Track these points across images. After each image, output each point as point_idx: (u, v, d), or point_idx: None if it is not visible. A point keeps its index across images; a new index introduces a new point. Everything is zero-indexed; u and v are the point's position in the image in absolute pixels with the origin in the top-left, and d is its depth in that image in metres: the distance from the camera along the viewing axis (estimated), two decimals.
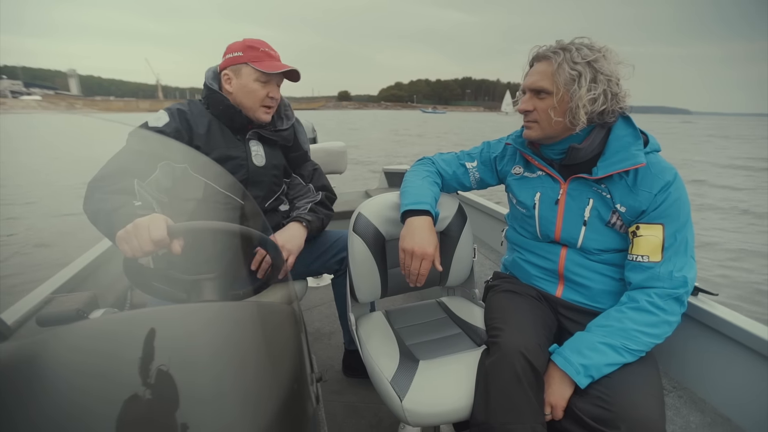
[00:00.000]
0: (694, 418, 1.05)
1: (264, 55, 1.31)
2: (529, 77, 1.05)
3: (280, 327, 0.65)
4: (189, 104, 1.33)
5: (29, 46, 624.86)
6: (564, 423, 0.94)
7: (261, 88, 1.31)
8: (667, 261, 0.96)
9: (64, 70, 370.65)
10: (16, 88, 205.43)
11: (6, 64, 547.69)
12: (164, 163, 1.15)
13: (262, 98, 1.32)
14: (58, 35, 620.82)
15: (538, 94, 1.03)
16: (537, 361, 0.94)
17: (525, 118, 1.09)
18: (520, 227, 1.24)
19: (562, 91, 0.98)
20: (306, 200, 1.51)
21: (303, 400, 0.58)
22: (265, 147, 1.41)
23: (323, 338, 2.07)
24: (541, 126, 1.05)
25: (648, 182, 0.98)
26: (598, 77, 0.96)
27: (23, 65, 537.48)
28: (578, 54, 0.96)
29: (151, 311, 0.61)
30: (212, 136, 1.31)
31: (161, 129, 1.22)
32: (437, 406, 0.98)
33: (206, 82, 1.35)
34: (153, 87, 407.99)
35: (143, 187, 1.08)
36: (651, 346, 0.95)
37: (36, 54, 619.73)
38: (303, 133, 1.55)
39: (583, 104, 0.96)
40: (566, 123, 1.01)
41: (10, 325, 0.94)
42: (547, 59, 1.01)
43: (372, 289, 1.26)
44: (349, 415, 1.55)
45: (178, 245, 0.80)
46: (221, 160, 1.29)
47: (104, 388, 0.46)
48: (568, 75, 0.96)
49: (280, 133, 1.44)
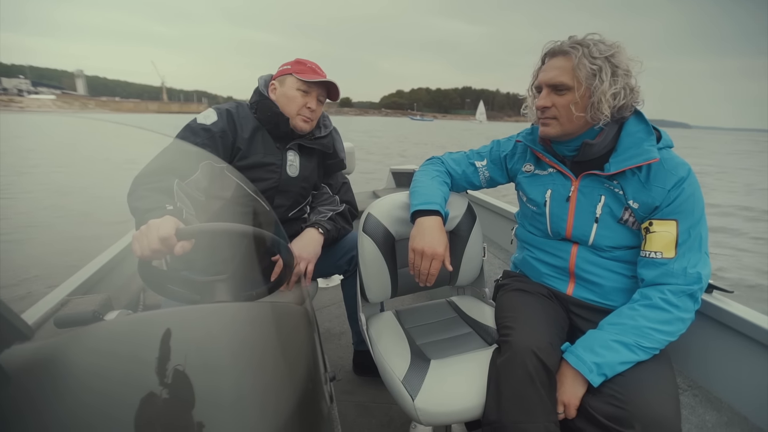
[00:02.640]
0: (710, 417, 1.03)
1: (309, 70, 1.38)
2: (547, 72, 1.03)
3: (294, 327, 0.66)
4: (237, 107, 1.39)
5: (33, 45, 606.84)
6: (577, 422, 0.93)
7: (301, 96, 1.36)
8: (680, 257, 0.95)
9: (70, 70, 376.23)
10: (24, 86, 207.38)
11: (14, 63, 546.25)
12: (206, 163, 1.19)
13: (300, 106, 1.37)
14: (63, 35, 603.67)
15: (557, 90, 1.01)
16: (549, 360, 0.93)
17: (542, 114, 1.05)
18: (531, 225, 1.23)
19: (584, 86, 0.97)
20: (328, 207, 1.52)
21: (318, 399, 0.58)
22: (302, 158, 1.45)
23: (333, 338, 2.08)
24: (561, 122, 1.03)
25: (661, 178, 0.97)
26: (617, 72, 0.95)
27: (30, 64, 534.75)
28: (596, 49, 0.96)
29: (166, 312, 0.62)
30: (254, 141, 1.36)
31: (208, 127, 1.28)
32: (449, 405, 0.98)
33: (258, 89, 1.41)
34: (158, 89, 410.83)
35: (182, 187, 1.12)
36: (665, 343, 0.94)
37: (40, 53, 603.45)
38: (340, 142, 1.60)
39: (606, 99, 0.95)
40: (587, 118, 1.00)
41: (32, 326, 0.96)
42: (565, 54, 0.99)
43: (382, 289, 1.27)
44: (360, 414, 1.56)
45: (181, 247, 0.81)
46: (256, 165, 1.34)
47: (123, 389, 0.47)
48: (589, 70, 0.95)
49: (320, 141, 1.48)
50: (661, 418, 0.84)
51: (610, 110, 0.97)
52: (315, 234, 1.38)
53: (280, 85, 1.39)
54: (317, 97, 1.39)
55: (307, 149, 1.46)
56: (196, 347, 0.53)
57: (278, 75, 1.40)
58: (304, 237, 1.37)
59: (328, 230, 1.41)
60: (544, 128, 1.07)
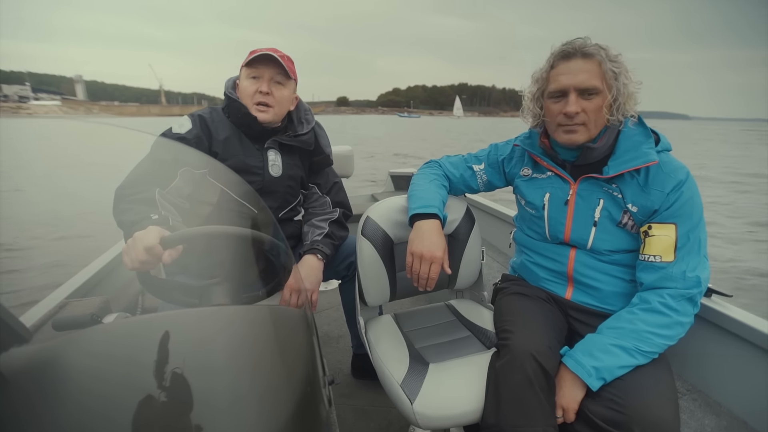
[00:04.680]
0: (709, 422, 1.03)
1: (256, 53, 1.29)
2: (573, 76, 0.97)
3: (293, 330, 0.65)
4: (211, 111, 1.35)
5: (31, 51, 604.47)
6: (576, 426, 0.93)
7: (251, 84, 1.30)
8: (679, 261, 0.95)
9: (69, 76, 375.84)
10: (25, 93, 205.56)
11: (12, 70, 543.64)
12: (184, 169, 1.17)
13: (252, 94, 1.30)
14: (60, 40, 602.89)
15: (586, 94, 0.97)
16: (548, 364, 0.93)
17: (569, 121, 0.99)
18: (529, 229, 1.23)
19: (614, 88, 0.96)
20: (322, 218, 1.48)
21: (317, 402, 0.58)
22: (284, 157, 1.41)
23: (332, 342, 2.07)
24: (589, 128, 0.99)
25: (660, 181, 0.97)
26: (627, 75, 0.97)
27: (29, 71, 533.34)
28: (606, 51, 0.97)
29: (164, 315, 0.62)
30: (230, 144, 1.32)
31: (183, 135, 1.25)
32: (448, 409, 0.98)
33: (226, 92, 1.36)
34: (156, 92, 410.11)
35: (164, 195, 1.11)
36: (664, 347, 0.94)
37: (37, 59, 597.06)
38: (324, 137, 1.54)
39: (632, 98, 0.97)
40: (614, 121, 1.00)
41: (30, 328, 0.96)
42: (588, 56, 0.97)
43: (381, 292, 1.26)
44: (358, 418, 1.55)
45: (169, 255, 0.81)
46: (237, 168, 1.29)
47: (120, 392, 0.47)
48: (612, 72, 0.96)
49: (299, 138, 1.42)
50: (660, 422, 0.83)
51: (633, 109, 0.98)
52: (315, 262, 1.35)
53: (240, 82, 1.34)
54: (270, 79, 1.30)
55: (287, 146, 1.41)
56: (193, 350, 0.53)
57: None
58: (304, 266, 1.34)
59: (327, 255, 1.39)
60: (569, 136, 1.01)
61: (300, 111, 1.46)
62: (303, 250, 1.40)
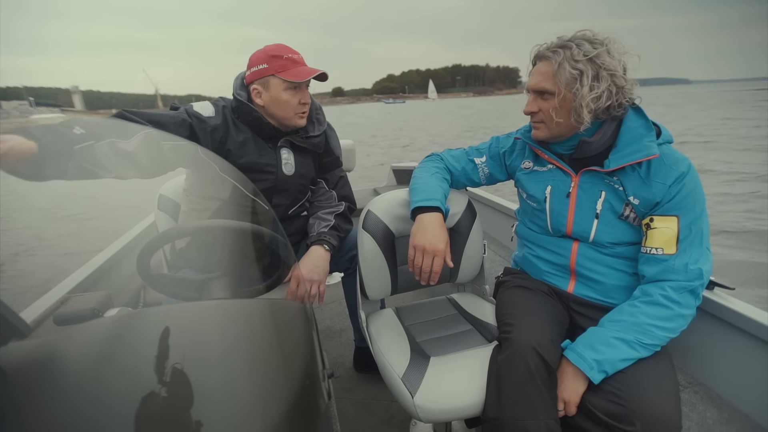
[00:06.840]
0: (710, 414, 1.03)
1: (289, 63, 1.27)
2: (532, 78, 1.05)
3: (292, 324, 0.65)
4: (230, 108, 1.34)
5: (25, 65, 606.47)
6: (577, 419, 0.93)
7: (292, 96, 1.29)
8: (681, 253, 0.95)
9: (65, 87, 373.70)
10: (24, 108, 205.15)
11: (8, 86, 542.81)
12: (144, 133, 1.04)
13: (295, 106, 1.31)
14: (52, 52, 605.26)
15: (541, 95, 1.03)
16: (550, 357, 0.93)
17: (532, 119, 1.09)
18: (531, 222, 1.23)
19: (564, 92, 0.97)
20: (328, 211, 1.48)
21: (315, 395, 0.58)
22: (296, 155, 1.41)
23: (334, 335, 2.08)
24: (548, 126, 1.05)
25: (662, 173, 0.97)
26: (600, 74, 0.94)
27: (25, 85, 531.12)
28: (579, 51, 0.94)
29: (164, 309, 0.62)
30: (246, 143, 1.31)
31: (203, 118, 1.24)
32: (449, 402, 0.98)
33: (234, 93, 1.33)
34: (152, 97, 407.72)
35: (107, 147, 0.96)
36: (666, 340, 0.94)
37: (32, 72, 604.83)
38: (335, 138, 1.54)
39: (586, 103, 0.94)
40: (571, 122, 1.00)
41: (29, 324, 0.97)
42: (546, 59, 0.99)
43: (382, 286, 1.26)
44: (360, 411, 1.56)
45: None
46: (251, 166, 1.29)
47: (121, 386, 0.47)
48: (569, 75, 0.95)
49: (311, 140, 1.42)
50: (661, 415, 0.83)
51: (591, 114, 0.96)
52: (322, 252, 1.34)
53: (265, 90, 1.29)
54: (306, 85, 1.32)
55: (299, 146, 1.41)
56: (193, 344, 0.53)
57: (256, 77, 1.28)
58: (311, 257, 1.33)
59: (334, 246, 1.38)
60: (534, 132, 1.10)
61: (312, 110, 1.45)
62: (310, 241, 1.40)
